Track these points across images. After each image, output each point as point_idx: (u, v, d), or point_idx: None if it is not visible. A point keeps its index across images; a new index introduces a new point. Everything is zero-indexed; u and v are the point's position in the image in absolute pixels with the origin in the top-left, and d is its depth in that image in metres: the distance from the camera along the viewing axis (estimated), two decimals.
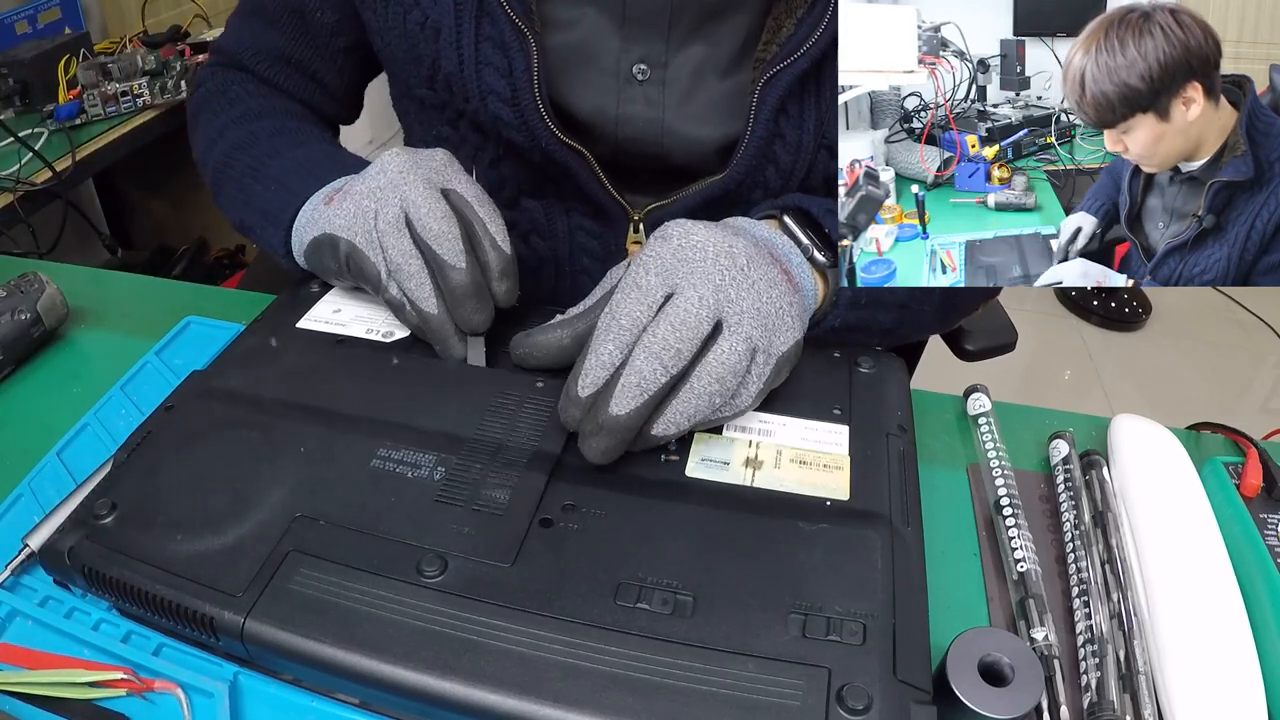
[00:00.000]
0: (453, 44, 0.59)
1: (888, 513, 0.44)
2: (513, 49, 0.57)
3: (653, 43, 0.59)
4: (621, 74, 0.60)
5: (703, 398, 0.43)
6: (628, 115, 0.61)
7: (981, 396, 0.58)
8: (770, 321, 0.44)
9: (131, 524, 0.42)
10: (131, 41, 1.42)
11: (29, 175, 1.10)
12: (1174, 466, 0.51)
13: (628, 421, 0.42)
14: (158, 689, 0.39)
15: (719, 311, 0.43)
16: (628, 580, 0.40)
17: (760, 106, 0.57)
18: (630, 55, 0.59)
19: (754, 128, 0.58)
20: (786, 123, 0.58)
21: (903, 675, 0.36)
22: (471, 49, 0.59)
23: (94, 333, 0.65)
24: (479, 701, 0.35)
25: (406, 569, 0.40)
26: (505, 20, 0.56)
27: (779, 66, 0.55)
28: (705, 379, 0.42)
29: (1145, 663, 0.42)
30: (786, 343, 0.45)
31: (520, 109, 0.59)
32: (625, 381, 0.42)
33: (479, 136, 0.64)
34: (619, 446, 0.43)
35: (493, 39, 0.58)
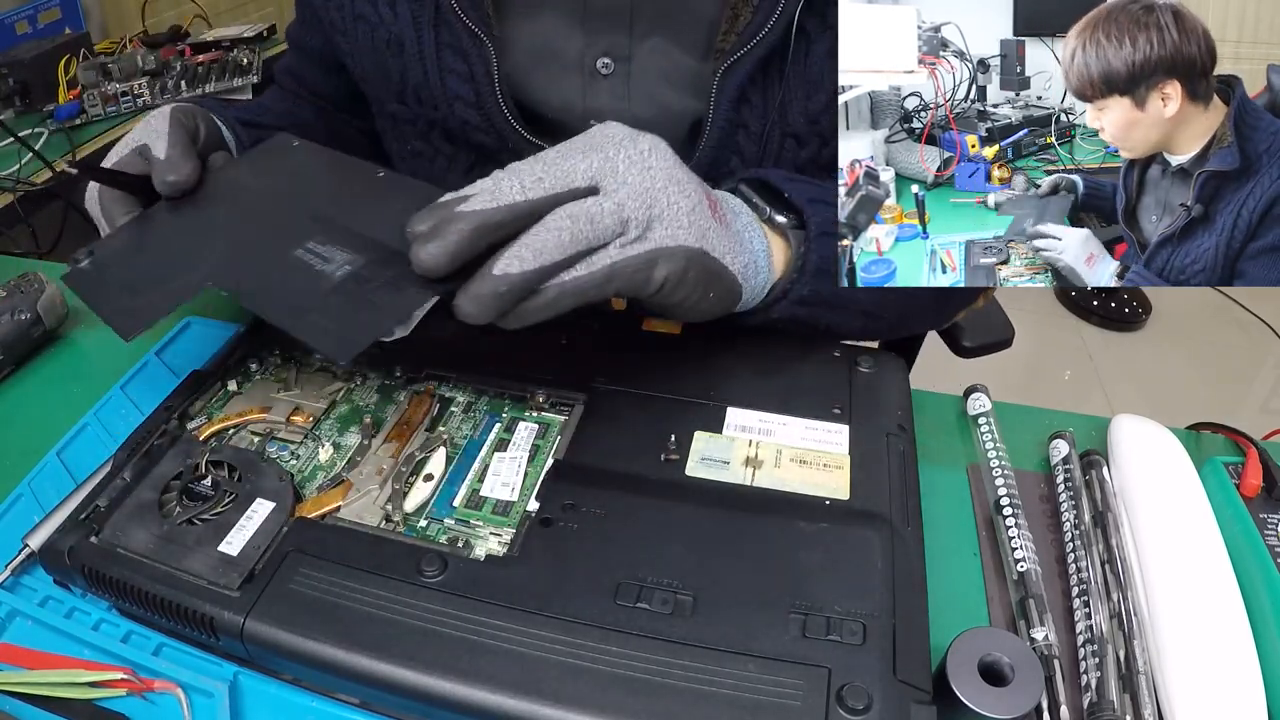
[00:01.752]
0: (416, 55, 0.61)
1: (888, 513, 0.44)
2: (471, 54, 0.59)
3: (615, 36, 0.59)
4: (586, 69, 0.60)
5: (551, 232, 0.39)
6: (595, 109, 0.61)
7: (981, 396, 0.58)
8: (657, 209, 0.42)
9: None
10: (131, 41, 1.42)
11: (29, 175, 1.10)
12: (1174, 466, 0.51)
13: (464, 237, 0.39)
14: (158, 689, 0.39)
15: (598, 176, 0.41)
16: (628, 580, 0.40)
17: (720, 95, 0.57)
18: (594, 49, 0.60)
19: (714, 117, 0.58)
20: (749, 111, 0.59)
21: (903, 675, 0.36)
22: (434, 57, 0.60)
23: (94, 333, 0.65)
24: (479, 701, 0.35)
25: (406, 569, 0.40)
26: (461, 27, 0.58)
27: (737, 55, 0.56)
28: (559, 215, 0.39)
29: (1145, 663, 0.42)
30: (667, 239, 0.42)
31: (485, 111, 0.60)
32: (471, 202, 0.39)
33: (451, 146, 0.66)
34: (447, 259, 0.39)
35: (452, 45, 0.60)
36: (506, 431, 0.50)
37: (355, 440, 0.49)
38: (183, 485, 0.45)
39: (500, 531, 0.44)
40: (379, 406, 0.52)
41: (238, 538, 0.42)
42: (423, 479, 0.47)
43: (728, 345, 0.55)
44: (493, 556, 0.42)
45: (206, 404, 0.52)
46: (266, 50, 1.39)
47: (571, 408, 0.51)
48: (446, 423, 0.51)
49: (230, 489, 0.45)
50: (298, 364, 0.55)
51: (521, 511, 0.45)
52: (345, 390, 0.53)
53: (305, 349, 0.55)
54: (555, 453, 0.48)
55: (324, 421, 0.51)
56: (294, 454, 0.49)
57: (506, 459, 0.48)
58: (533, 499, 0.45)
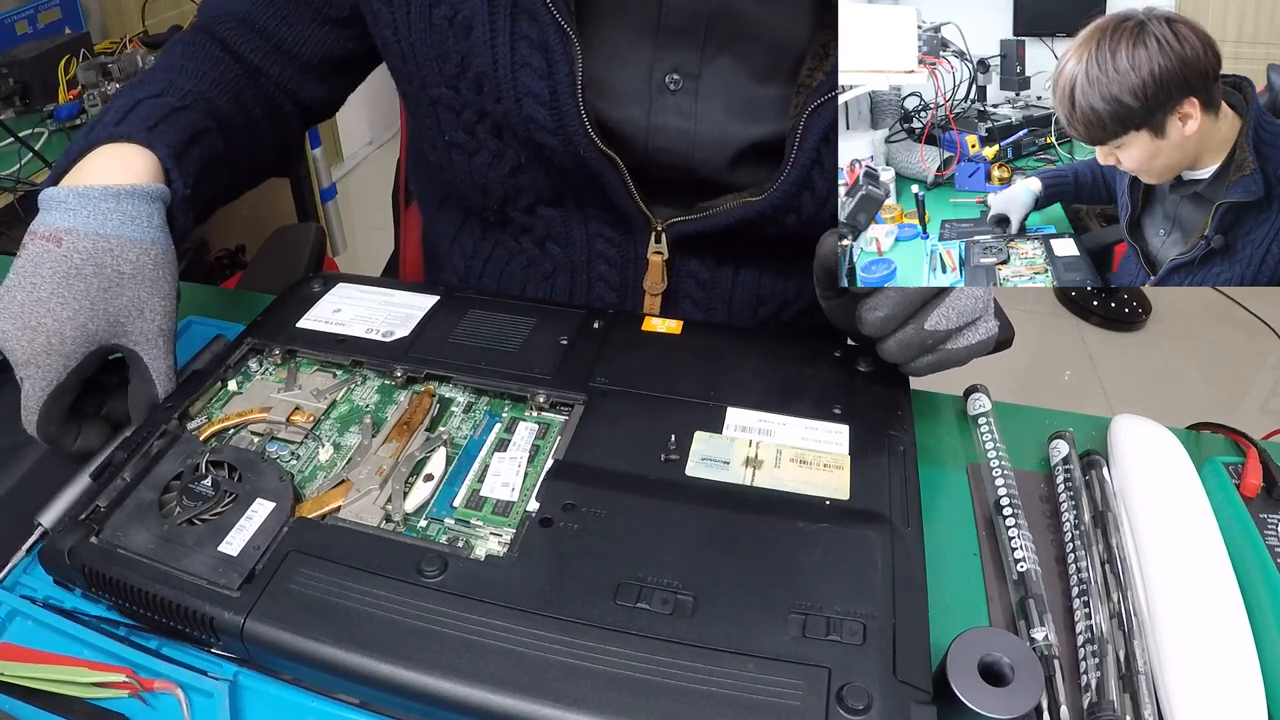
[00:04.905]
0: (486, 42, 0.57)
1: (888, 513, 0.44)
2: (555, 51, 0.55)
3: (687, 53, 0.58)
4: (654, 83, 0.59)
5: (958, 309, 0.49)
6: (659, 125, 0.60)
7: (981, 396, 0.58)
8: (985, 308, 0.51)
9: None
10: (131, 41, 1.42)
11: (29, 175, 1.10)
12: (1174, 466, 0.51)
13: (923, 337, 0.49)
14: (158, 689, 0.39)
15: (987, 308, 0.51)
16: (628, 580, 0.40)
17: (806, 135, 0.56)
18: (664, 65, 0.58)
19: (797, 155, 0.57)
20: (828, 151, 0.57)
21: (903, 675, 0.36)
22: (506, 48, 0.56)
23: None
24: (479, 701, 0.35)
25: (406, 569, 0.40)
26: (549, 20, 0.54)
27: (828, 95, 0.54)
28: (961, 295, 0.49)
29: (1145, 663, 0.42)
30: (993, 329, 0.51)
31: (559, 113, 0.57)
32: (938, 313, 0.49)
33: (498, 142, 0.62)
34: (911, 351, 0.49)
35: (530, 38, 0.56)
36: (506, 431, 0.50)
37: (355, 440, 0.49)
38: (183, 485, 0.45)
39: (500, 531, 0.44)
40: (379, 406, 0.52)
41: (238, 538, 0.42)
42: (423, 479, 0.47)
43: (728, 345, 0.55)
44: (493, 556, 0.42)
45: (206, 404, 0.52)
46: None
47: (571, 408, 0.51)
48: (446, 423, 0.51)
49: (230, 489, 0.45)
50: (298, 364, 0.55)
51: (521, 512, 0.45)
52: (345, 390, 0.53)
53: (305, 349, 0.55)
54: (555, 453, 0.48)
55: (324, 421, 0.51)
56: (294, 454, 0.49)
57: (506, 459, 0.48)
58: (533, 499, 0.45)
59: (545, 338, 0.55)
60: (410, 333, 0.56)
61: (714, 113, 0.59)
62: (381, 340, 0.55)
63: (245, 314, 0.59)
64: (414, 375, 0.53)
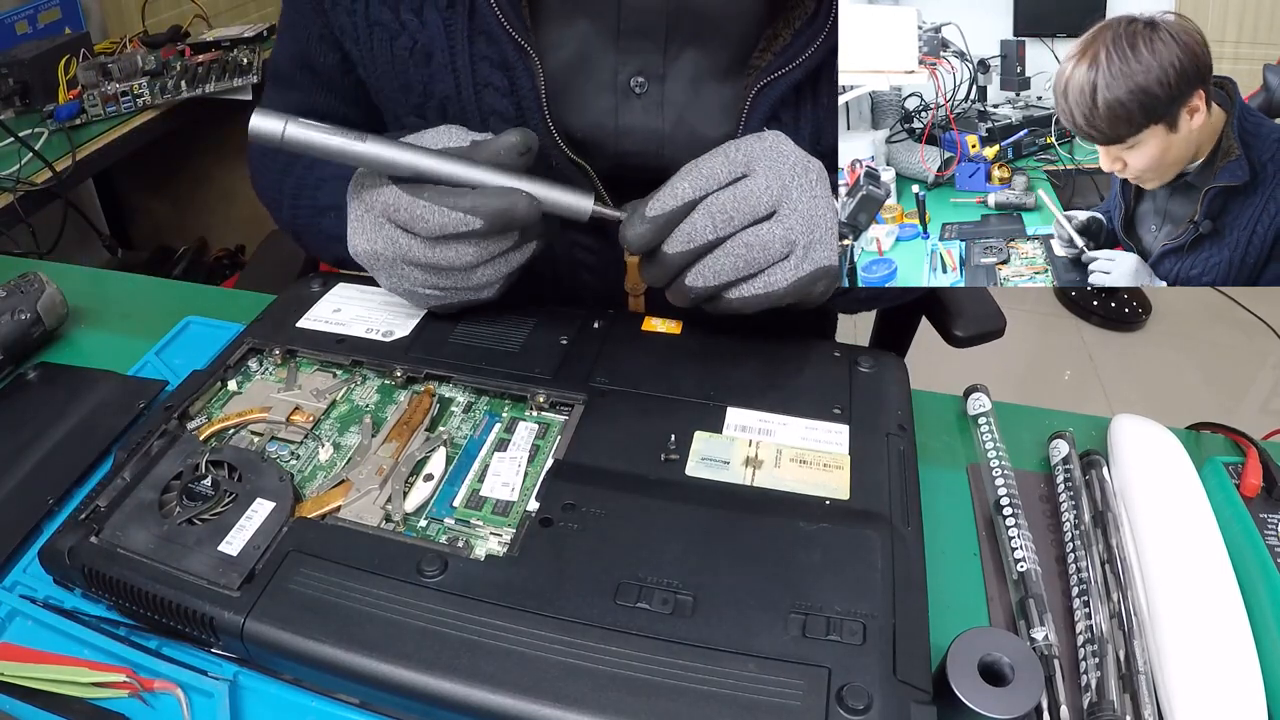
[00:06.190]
0: (446, 66, 0.58)
1: (888, 513, 0.44)
2: (516, 68, 0.56)
3: (649, 55, 0.58)
4: (619, 87, 0.59)
5: (731, 258, 0.47)
6: (627, 128, 0.60)
7: (981, 396, 0.58)
8: (817, 233, 0.48)
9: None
10: (131, 41, 1.42)
11: (29, 175, 1.10)
12: (1174, 466, 0.51)
13: (674, 260, 0.48)
14: (158, 689, 0.39)
15: (778, 203, 0.47)
16: (628, 580, 0.40)
17: (751, 114, 0.57)
18: (627, 68, 0.59)
19: (743, 134, 0.56)
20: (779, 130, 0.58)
21: (903, 675, 0.36)
22: (468, 70, 0.57)
23: (94, 333, 0.65)
24: (479, 701, 0.35)
25: (406, 569, 0.40)
26: (506, 39, 0.55)
27: (773, 75, 0.55)
28: (739, 243, 0.47)
29: (1145, 663, 0.42)
30: (824, 260, 0.49)
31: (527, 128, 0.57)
32: (680, 229, 0.47)
33: None
34: (665, 277, 0.49)
35: (490, 58, 0.57)
36: (506, 431, 0.50)
37: (355, 440, 0.49)
38: (183, 485, 0.45)
39: (500, 531, 0.44)
40: (379, 406, 0.52)
41: (238, 538, 0.42)
42: (423, 479, 0.47)
43: (728, 345, 0.55)
44: (493, 556, 0.42)
45: (206, 404, 0.52)
46: (266, 50, 1.39)
47: (571, 408, 0.51)
48: (446, 423, 0.51)
49: (230, 489, 0.45)
50: (298, 364, 0.55)
51: (521, 511, 0.45)
52: (345, 390, 0.53)
53: (305, 348, 0.55)
54: (555, 453, 0.48)
55: (324, 421, 0.51)
56: (294, 454, 0.49)
57: (506, 459, 0.48)
58: (533, 499, 0.45)
59: (545, 337, 0.55)
60: (410, 332, 0.56)
61: (681, 111, 0.60)
62: (381, 340, 0.55)
63: (245, 314, 0.59)
64: (414, 375, 0.53)
